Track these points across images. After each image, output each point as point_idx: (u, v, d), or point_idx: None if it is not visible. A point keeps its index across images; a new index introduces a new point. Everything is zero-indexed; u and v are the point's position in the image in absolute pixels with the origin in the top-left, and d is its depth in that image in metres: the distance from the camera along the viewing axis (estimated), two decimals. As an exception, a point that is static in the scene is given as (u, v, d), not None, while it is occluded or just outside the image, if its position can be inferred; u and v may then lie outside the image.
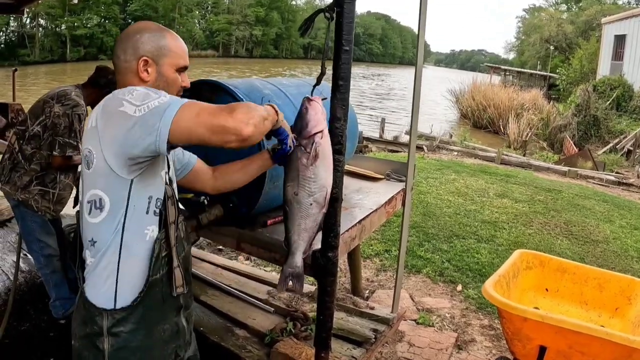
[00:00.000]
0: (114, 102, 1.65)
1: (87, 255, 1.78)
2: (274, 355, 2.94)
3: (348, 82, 1.93)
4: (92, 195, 1.72)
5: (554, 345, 2.78)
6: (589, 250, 6.39)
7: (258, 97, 2.33)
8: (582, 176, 12.04)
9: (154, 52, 1.86)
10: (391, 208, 3.15)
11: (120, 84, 1.87)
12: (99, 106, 1.70)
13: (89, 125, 1.71)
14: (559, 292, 3.60)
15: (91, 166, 1.69)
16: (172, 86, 1.92)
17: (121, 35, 1.92)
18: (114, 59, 1.89)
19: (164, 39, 1.90)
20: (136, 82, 1.85)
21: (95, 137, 1.66)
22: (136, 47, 1.85)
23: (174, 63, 1.92)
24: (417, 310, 4.48)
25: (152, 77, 1.87)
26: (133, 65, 1.85)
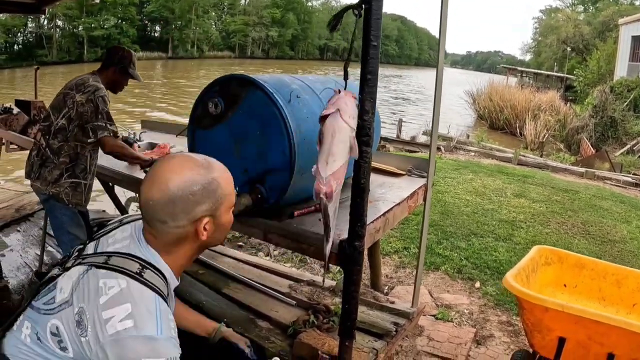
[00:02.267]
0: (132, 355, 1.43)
1: (25, 330, 1.63)
2: (297, 345, 3.00)
3: (376, 76, 1.99)
4: (63, 336, 1.53)
5: (573, 336, 2.82)
6: (606, 250, 6.40)
7: (287, 92, 2.40)
8: (599, 177, 11.99)
9: (212, 207, 1.63)
10: (413, 202, 3.22)
11: (162, 245, 1.63)
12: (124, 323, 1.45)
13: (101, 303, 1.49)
14: (577, 287, 3.64)
15: (79, 330, 1.50)
16: (228, 227, 1.76)
17: (156, 194, 1.58)
18: (152, 221, 1.61)
19: (217, 186, 1.64)
20: (189, 244, 1.66)
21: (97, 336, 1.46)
22: (190, 210, 1.59)
23: (229, 205, 1.71)
24: (436, 306, 4.54)
25: (210, 231, 1.65)
26: (189, 230, 1.62)
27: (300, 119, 2.37)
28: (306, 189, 2.61)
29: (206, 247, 1.77)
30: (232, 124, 2.46)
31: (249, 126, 2.41)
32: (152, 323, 1.48)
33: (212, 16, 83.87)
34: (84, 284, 1.55)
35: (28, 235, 5.40)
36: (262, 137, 2.39)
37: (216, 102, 2.47)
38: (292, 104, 2.38)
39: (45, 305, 1.62)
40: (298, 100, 2.43)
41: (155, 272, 1.60)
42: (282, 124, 2.29)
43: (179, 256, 1.68)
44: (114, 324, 1.45)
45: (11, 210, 5.82)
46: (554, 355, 2.94)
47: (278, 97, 2.31)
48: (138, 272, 1.56)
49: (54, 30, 54.94)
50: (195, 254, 1.74)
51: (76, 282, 1.58)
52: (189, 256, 1.71)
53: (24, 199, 6.10)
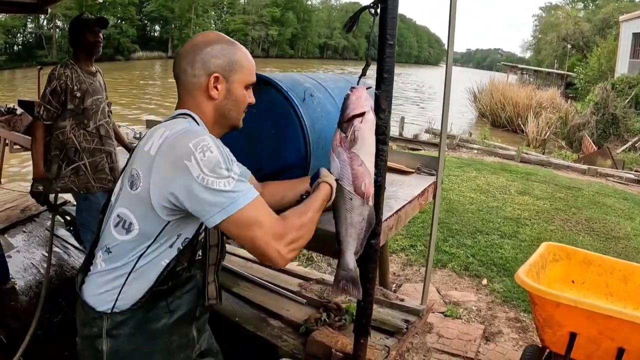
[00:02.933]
0: (182, 148, 1.55)
1: (98, 258, 1.75)
2: (310, 343, 3.01)
3: (392, 74, 2.01)
4: (124, 215, 1.68)
5: (584, 331, 2.83)
6: (611, 247, 6.42)
7: (300, 91, 2.41)
8: (602, 174, 12.01)
9: (225, 68, 1.77)
10: (423, 200, 3.23)
11: (183, 100, 1.80)
12: (164, 136, 1.61)
13: (144, 148, 1.64)
14: (584, 284, 3.65)
15: (135, 189, 1.63)
16: (241, 105, 1.87)
17: (188, 46, 1.80)
18: (178, 72, 1.80)
19: (235, 53, 1.79)
20: (203, 99, 1.77)
21: (148, 166, 1.60)
22: (206, 60, 1.75)
23: (244, 80, 1.83)
24: (445, 303, 4.55)
25: (222, 94, 1.78)
26: (202, 81, 1.75)
27: (315, 118, 2.38)
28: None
29: (223, 116, 1.84)
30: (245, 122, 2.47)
31: (263, 125, 2.42)
32: (184, 124, 1.67)
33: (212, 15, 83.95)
34: (129, 162, 1.73)
35: (34, 236, 5.41)
36: (276, 135, 2.40)
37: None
38: (307, 102, 2.39)
39: (105, 218, 1.78)
40: (312, 98, 2.45)
41: (177, 115, 1.78)
42: (298, 122, 2.31)
43: (202, 114, 1.79)
44: (156, 144, 1.61)
45: (16, 211, 5.84)
46: (564, 351, 2.95)
47: (293, 96, 2.33)
48: (168, 119, 1.78)
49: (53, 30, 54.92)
50: (217, 121, 1.83)
51: (124, 170, 1.76)
52: (209, 117, 1.81)
53: (29, 199, 6.09)
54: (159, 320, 1.75)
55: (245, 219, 1.56)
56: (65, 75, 3.64)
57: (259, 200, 1.61)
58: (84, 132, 3.76)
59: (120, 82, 33.68)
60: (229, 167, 1.57)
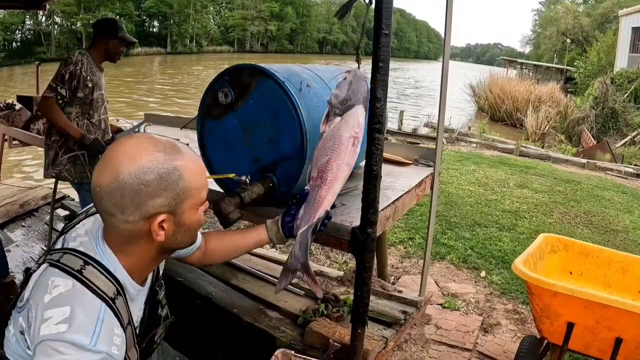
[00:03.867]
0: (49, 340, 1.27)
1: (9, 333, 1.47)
2: (308, 334, 3.02)
3: (387, 64, 2.00)
4: None
5: (582, 320, 2.85)
6: (609, 239, 6.43)
7: (297, 82, 2.41)
8: (601, 168, 12.02)
9: (170, 203, 1.39)
10: (421, 191, 3.23)
11: (114, 243, 1.44)
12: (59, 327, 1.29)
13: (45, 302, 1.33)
14: (582, 275, 3.66)
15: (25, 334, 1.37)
16: (195, 230, 1.54)
17: (104, 179, 1.34)
18: (100, 210, 1.40)
19: (180, 177, 1.39)
20: (144, 244, 1.44)
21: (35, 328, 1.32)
22: (142, 204, 1.35)
23: (197, 202, 1.47)
24: (443, 295, 4.56)
25: (170, 232, 1.44)
26: (140, 228, 1.39)
27: (311, 108, 2.38)
28: (317, 177, 2.64)
29: (171, 250, 1.56)
30: (243, 113, 2.47)
31: (260, 115, 2.42)
32: (88, 332, 1.30)
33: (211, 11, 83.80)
34: (40, 281, 1.40)
35: (33, 230, 5.42)
36: (273, 126, 2.39)
37: (226, 92, 2.48)
38: (303, 92, 2.39)
39: (19, 303, 1.46)
40: (308, 89, 2.45)
41: (100, 270, 1.40)
42: (294, 112, 2.30)
43: (135, 257, 1.46)
44: (49, 325, 1.29)
45: (15, 206, 5.84)
46: (562, 341, 2.97)
47: (289, 86, 2.32)
48: (79, 270, 1.38)
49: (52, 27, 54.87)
50: (158, 256, 1.53)
51: (36, 279, 1.43)
52: (148, 259, 1.50)
53: (28, 194, 6.12)
54: None
55: None
56: (82, 63, 3.69)
57: None
58: (88, 122, 3.80)
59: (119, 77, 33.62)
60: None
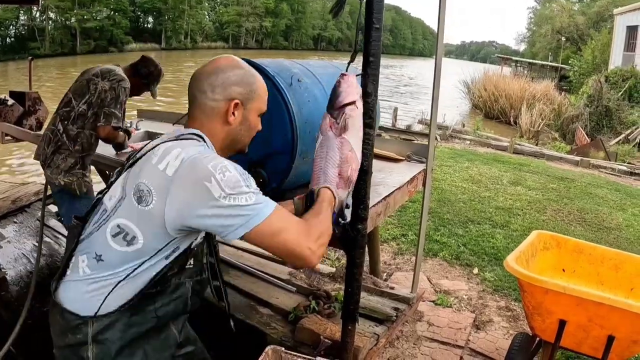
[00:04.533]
0: (201, 170, 1.56)
1: (81, 263, 1.70)
2: (299, 330, 3.00)
3: (378, 58, 1.98)
4: (126, 227, 1.63)
5: (574, 318, 2.84)
6: (602, 237, 6.44)
7: (288, 76, 2.39)
8: (595, 166, 12.04)
9: (245, 95, 1.80)
10: (413, 187, 3.22)
11: (197, 120, 1.80)
12: (180, 157, 1.60)
13: (157, 166, 1.61)
14: (575, 272, 3.66)
15: (144, 205, 1.60)
16: (252, 131, 1.91)
17: (209, 67, 1.80)
18: (195, 92, 1.79)
19: (255, 82, 1.84)
20: (219, 123, 1.79)
21: (164, 186, 1.57)
22: (227, 86, 1.77)
23: (259, 108, 1.89)
24: (435, 292, 4.56)
25: (238, 120, 1.82)
26: (221, 106, 1.77)
27: (302, 102, 2.36)
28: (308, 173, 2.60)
29: (234, 141, 1.86)
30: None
31: (250, 110, 2.41)
32: (199, 148, 1.67)
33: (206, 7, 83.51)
34: (133, 173, 1.68)
35: (25, 226, 5.37)
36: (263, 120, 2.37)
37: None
38: (294, 87, 2.37)
39: (96, 224, 1.70)
40: (299, 83, 2.42)
41: (193, 136, 1.75)
42: (285, 107, 2.28)
43: (212, 133, 1.80)
44: (172, 164, 1.59)
45: (7, 202, 5.79)
46: (554, 338, 2.96)
47: (279, 81, 2.31)
48: (176, 137, 1.73)
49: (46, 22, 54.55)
50: (226, 146, 1.85)
51: (125, 179, 1.70)
52: (219, 141, 1.82)
53: (20, 190, 6.07)
54: (145, 324, 1.73)
55: (272, 228, 1.59)
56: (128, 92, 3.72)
57: (280, 208, 1.64)
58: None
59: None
60: (248, 183, 1.60)
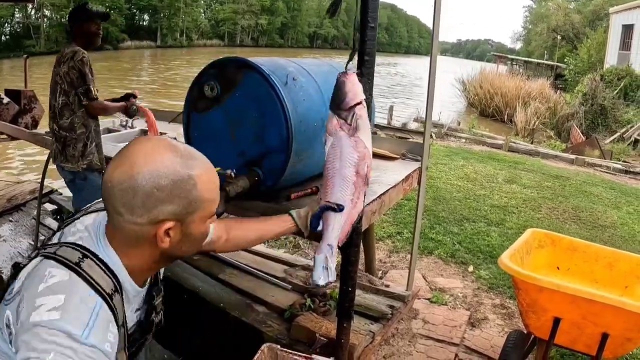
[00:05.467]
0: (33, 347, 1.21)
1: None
2: (294, 328, 3.02)
3: (373, 57, 2.00)
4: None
5: (568, 316, 2.85)
6: (597, 235, 6.45)
7: (283, 75, 2.39)
8: (590, 164, 12.06)
9: (181, 212, 1.37)
10: (408, 185, 3.23)
11: (119, 243, 1.40)
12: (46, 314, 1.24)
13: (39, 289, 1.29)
14: (569, 270, 3.66)
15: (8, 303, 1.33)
16: (200, 241, 1.53)
17: (119, 175, 1.33)
18: (108, 206, 1.38)
19: (194, 186, 1.36)
20: (145, 247, 1.41)
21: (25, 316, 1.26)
22: (152, 207, 1.33)
23: (206, 215, 1.45)
24: (430, 290, 4.57)
25: (175, 240, 1.40)
26: (146, 231, 1.36)
27: (297, 101, 2.37)
28: (303, 171, 2.62)
29: (172, 258, 1.53)
30: (228, 106, 2.46)
31: (246, 109, 2.41)
32: (81, 323, 1.26)
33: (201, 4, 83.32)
34: (34, 273, 1.35)
35: (20, 225, 5.38)
36: (258, 119, 2.38)
37: (212, 85, 2.46)
38: (289, 86, 2.38)
39: (7, 295, 1.39)
40: (294, 82, 2.43)
41: (99, 265, 1.37)
42: (279, 105, 2.29)
43: (137, 259, 1.44)
44: (41, 313, 1.24)
45: (2, 201, 5.79)
46: (548, 336, 2.97)
47: (275, 79, 2.31)
48: (76, 263, 1.34)
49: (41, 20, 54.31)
50: (159, 262, 1.50)
51: (29, 271, 1.37)
52: (149, 262, 1.47)
53: (16, 189, 6.06)
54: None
55: None
56: (90, 60, 3.78)
57: None
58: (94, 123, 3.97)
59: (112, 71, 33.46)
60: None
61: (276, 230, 2.11)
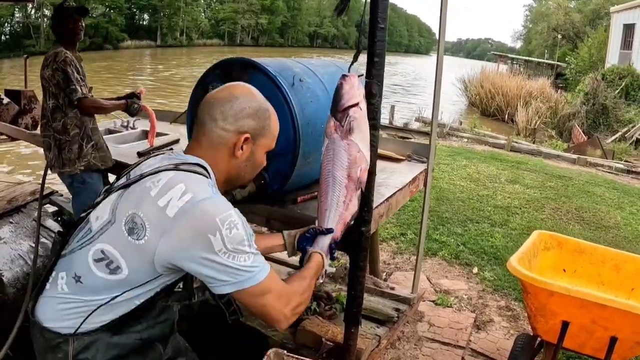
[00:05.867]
0: (207, 221, 1.49)
1: (60, 280, 1.62)
2: (300, 333, 2.98)
3: (383, 59, 1.96)
4: (111, 255, 1.55)
5: (577, 319, 2.82)
6: (601, 236, 6.42)
7: (289, 76, 2.36)
8: (592, 164, 12.01)
9: (257, 130, 1.72)
10: (414, 187, 3.20)
11: (202, 147, 1.70)
12: (185, 198, 1.50)
13: (157, 201, 1.52)
14: (576, 272, 3.63)
15: (135, 238, 1.52)
16: (257, 169, 1.83)
17: (224, 94, 1.72)
18: (204, 118, 1.70)
19: (269, 117, 1.76)
20: (225, 155, 1.70)
21: (162, 226, 1.49)
22: (240, 117, 1.68)
23: (268, 146, 1.80)
24: (435, 292, 4.53)
25: (245, 155, 1.73)
26: (230, 138, 1.68)
27: (304, 103, 2.34)
28: (310, 174, 2.59)
29: (236, 176, 1.79)
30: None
31: (252, 110, 2.38)
32: (208, 189, 1.56)
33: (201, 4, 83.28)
34: (126, 197, 1.59)
35: (21, 227, 5.31)
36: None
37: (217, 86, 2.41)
38: (296, 87, 2.34)
39: (79, 242, 1.63)
40: (301, 83, 2.40)
41: (193, 165, 1.65)
42: (287, 107, 2.26)
43: (216, 168, 1.71)
44: (174, 204, 1.50)
45: (3, 202, 5.73)
46: (557, 340, 2.94)
47: (282, 81, 2.28)
48: (175, 165, 1.62)
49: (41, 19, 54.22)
50: (227, 175, 1.76)
51: (115, 202, 1.60)
52: (222, 174, 1.73)
53: (16, 190, 5.99)
54: (128, 345, 1.65)
55: (259, 290, 1.58)
56: (73, 59, 3.71)
57: (272, 272, 1.62)
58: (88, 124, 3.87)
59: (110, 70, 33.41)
60: (250, 243, 1.56)
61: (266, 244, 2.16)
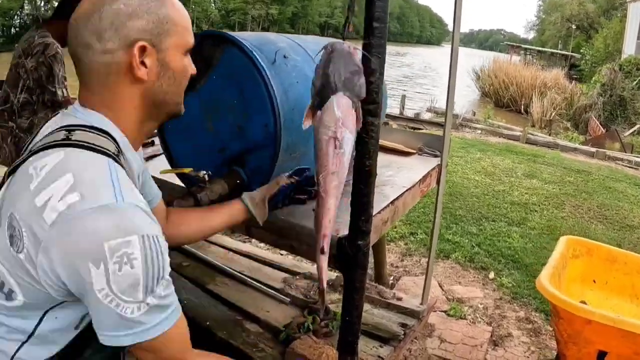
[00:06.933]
0: (92, 245, 1.02)
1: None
2: (289, 356, 2.56)
3: (385, 23, 1.50)
4: (1, 274, 1.12)
5: (616, 350, 2.39)
6: (625, 237, 5.97)
7: (271, 51, 1.90)
8: (610, 157, 11.55)
9: (152, 31, 1.18)
10: (425, 187, 2.73)
11: (91, 91, 1.21)
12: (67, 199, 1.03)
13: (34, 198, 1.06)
14: (607, 284, 3.23)
15: (14, 248, 1.08)
16: (182, 80, 1.29)
17: (83, 8, 1.18)
18: (76, 49, 1.18)
19: (160, 5, 1.20)
20: (124, 85, 1.20)
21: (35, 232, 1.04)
22: (121, 24, 1.15)
23: (181, 43, 1.25)
24: (447, 300, 4.09)
25: (153, 72, 1.21)
26: (120, 59, 1.16)
27: (288, 84, 1.87)
28: (297, 171, 2.14)
29: (156, 105, 1.27)
30: (204, 92, 1.97)
31: (225, 94, 1.91)
32: (107, 189, 1.06)
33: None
34: (10, 188, 1.14)
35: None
36: (240, 107, 1.89)
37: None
38: (278, 65, 1.87)
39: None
40: (285, 60, 1.93)
41: (90, 130, 1.16)
42: (264, 89, 1.79)
43: (119, 108, 1.21)
44: (54, 207, 1.03)
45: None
46: (591, 369, 2.51)
47: (258, 57, 1.81)
48: (64, 139, 1.13)
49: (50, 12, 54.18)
50: (145, 110, 1.26)
51: (3, 194, 1.16)
52: (133, 113, 1.24)
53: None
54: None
55: (149, 346, 1.14)
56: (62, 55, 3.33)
57: (174, 332, 1.18)
58: None
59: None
60: (148, 287, 1.08)
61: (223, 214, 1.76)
